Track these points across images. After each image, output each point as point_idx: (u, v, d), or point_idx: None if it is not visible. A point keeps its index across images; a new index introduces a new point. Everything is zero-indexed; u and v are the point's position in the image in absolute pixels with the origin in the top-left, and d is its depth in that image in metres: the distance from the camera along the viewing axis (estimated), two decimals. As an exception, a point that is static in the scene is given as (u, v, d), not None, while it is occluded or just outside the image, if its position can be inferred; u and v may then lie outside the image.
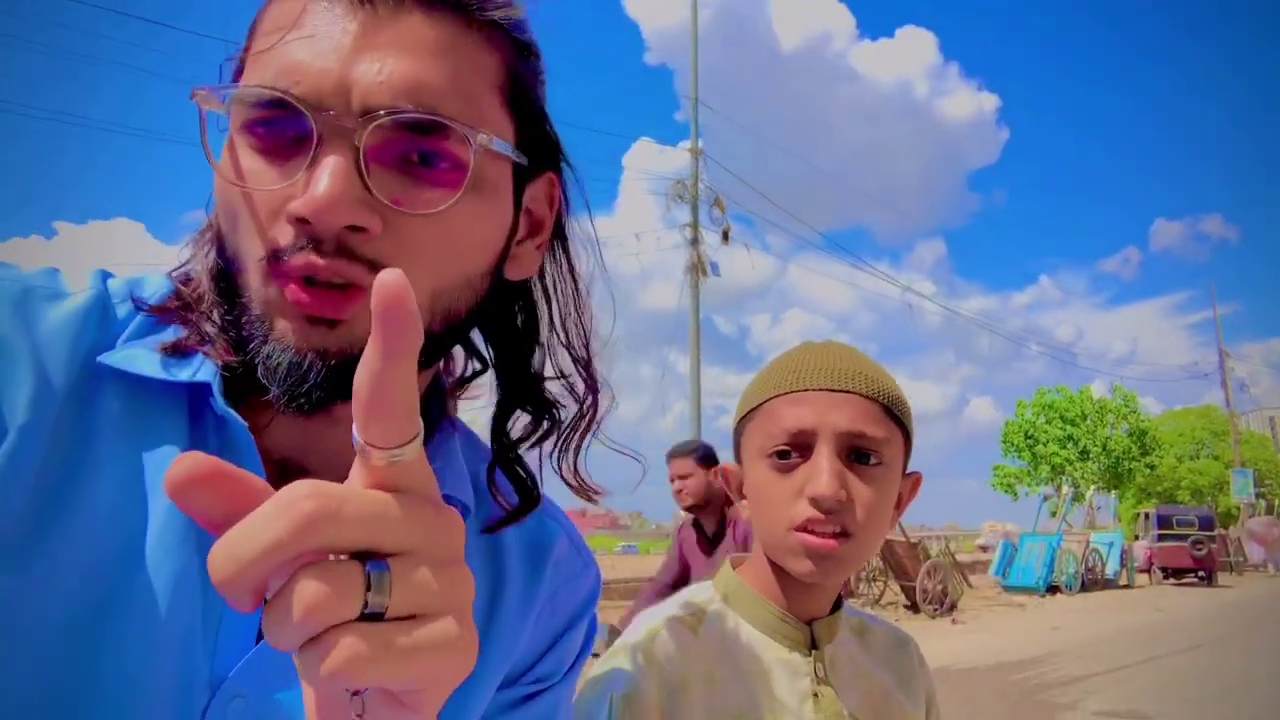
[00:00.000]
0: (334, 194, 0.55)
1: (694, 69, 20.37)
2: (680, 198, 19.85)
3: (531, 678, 0.79)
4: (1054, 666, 9.24)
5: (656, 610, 1.12)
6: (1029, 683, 8.33)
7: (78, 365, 0.60)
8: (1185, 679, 8.43)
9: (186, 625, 0.58)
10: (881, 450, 1.03)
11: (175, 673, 0.57)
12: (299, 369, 0.58)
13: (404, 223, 0.59)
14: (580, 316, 0.79)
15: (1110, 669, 9.03)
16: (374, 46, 0.58)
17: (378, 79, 0.58)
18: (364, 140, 0.57)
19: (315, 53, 0.58)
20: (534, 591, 0.79)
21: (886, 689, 1.11)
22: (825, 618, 1.10)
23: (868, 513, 1.01)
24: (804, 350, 1.12)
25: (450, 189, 0.61)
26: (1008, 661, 9.53)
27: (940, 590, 14.24)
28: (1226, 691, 7.77)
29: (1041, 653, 10.18)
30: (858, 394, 1.03)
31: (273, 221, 0.59)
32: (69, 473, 0.57)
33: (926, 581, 14.02)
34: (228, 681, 0.59)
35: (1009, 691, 7.86)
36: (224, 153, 0.62)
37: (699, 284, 19.57)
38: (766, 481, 1.05)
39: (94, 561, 0.56)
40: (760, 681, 1.05)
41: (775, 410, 1.05)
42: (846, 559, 1.01)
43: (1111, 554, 20.86)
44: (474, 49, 0.63)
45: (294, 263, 0.58)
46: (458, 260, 0.64)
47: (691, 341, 19.34)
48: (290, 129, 0.58)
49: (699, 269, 19.58)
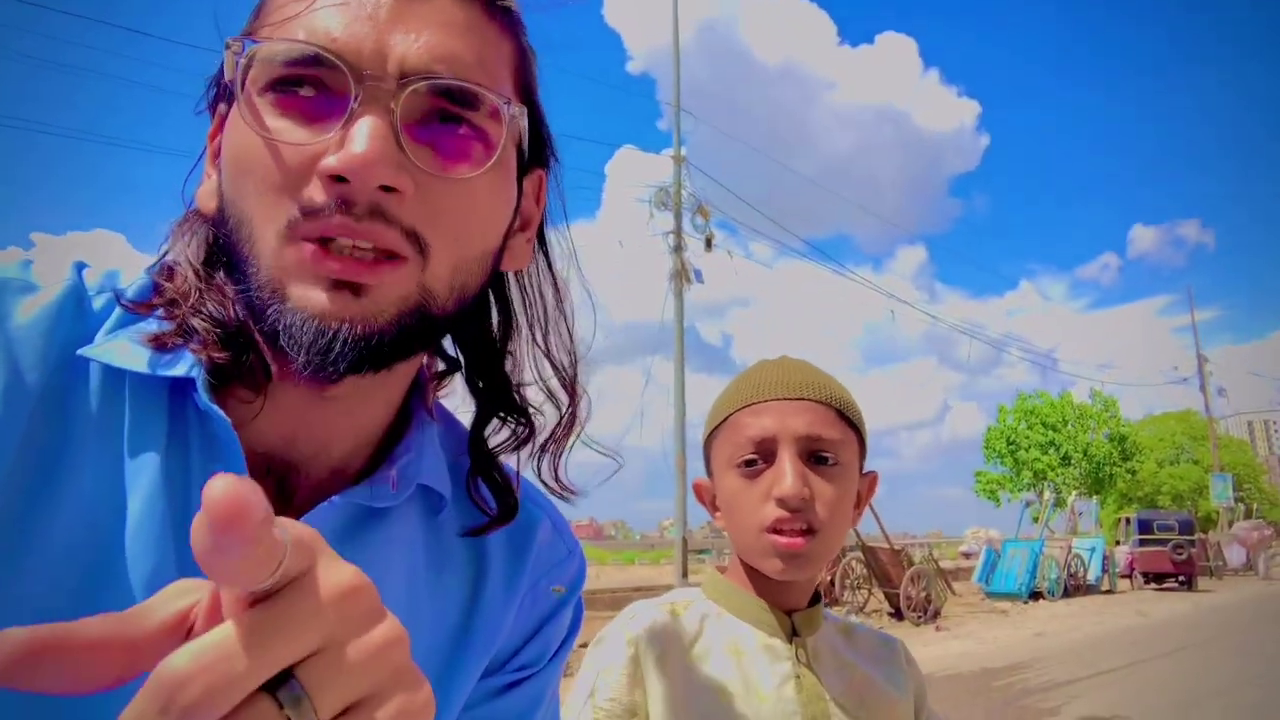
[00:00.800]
0: (373, 152, 0.56)
1: (676, 72, 20.42)
2: (663, 205, 19.87)
3: (515, 665, 0.79)
4: (1037, 672, 9.27)
5: (643, 602, 1.18)
6: (1013, 688, 8.35)
7: (52, 360, 0.59)
8: (1168, 683, 8.48)
9: None
10: (838, 451, 1.11)
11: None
12: (325, 337, 0.57)
13: (434, 187, 0.60)
14: (560, 320, 0.79)
15: (1093, 674, 9.07)
16: (407, 19, 0.60)
17: (415, 46, 0.59)
18: (400, 103, 0.58)
19: (348, 20, 0.59)
20: (517, 579, 0.79)
21: (870, 679, 1.16)
22: (804, 610, 1.16)
23: (829, 509, 1.09)
24: (761, 367, 1.21)
25: (479, 158, 0.62)
26: (991, 667, 9.57)
27: (924, 597, 14.29)
28: (1209, 694, 7.82)
29: (1025, 658, 10.22)
30: (812, 400, 1.12)
31: (300, 180, 0.58)
32: (45, 472, 0.56)
33: (910, 588, 14.06)
34: None
35: (993, 697, 7.88)
36: (237, 116, 0.61)
37: (683, 291, 19.59)
38: (736, 489, 1.13)
39: (71, 560, 0.56)
40: (741, 662, 1.11)
41: (739, 422, 1.14)
42: (813, 555, 1.09)
43: (1093, 559, 21.02)
44: (493, 34, 0.66)
45: (328, 223, 0.57)
46: (480, 232, 0.66)
47: (676, 349, 19.34)
48: (324, 88, 0.59)
49: (682, 276, 19.59)
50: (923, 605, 14.22)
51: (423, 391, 0.77)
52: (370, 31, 0.59)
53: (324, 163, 0.57)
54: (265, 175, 0.58)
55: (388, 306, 0.59)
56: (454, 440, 0.78)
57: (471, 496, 0.75)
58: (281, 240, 0.58)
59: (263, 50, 0.59)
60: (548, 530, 0.83)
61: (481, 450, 0.77)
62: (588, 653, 1.14)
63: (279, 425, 0.65)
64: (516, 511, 0.77)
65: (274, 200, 0.58)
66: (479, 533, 0.75)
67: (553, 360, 0.78)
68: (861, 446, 1.17)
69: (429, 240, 0.60)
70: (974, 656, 10.43)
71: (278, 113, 0.59)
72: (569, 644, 0.85)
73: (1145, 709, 7.26)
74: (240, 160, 0.60)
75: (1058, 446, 41.84)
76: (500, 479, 0.77)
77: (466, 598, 0.75)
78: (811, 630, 1.15)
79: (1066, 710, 7.31)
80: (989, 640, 12.17)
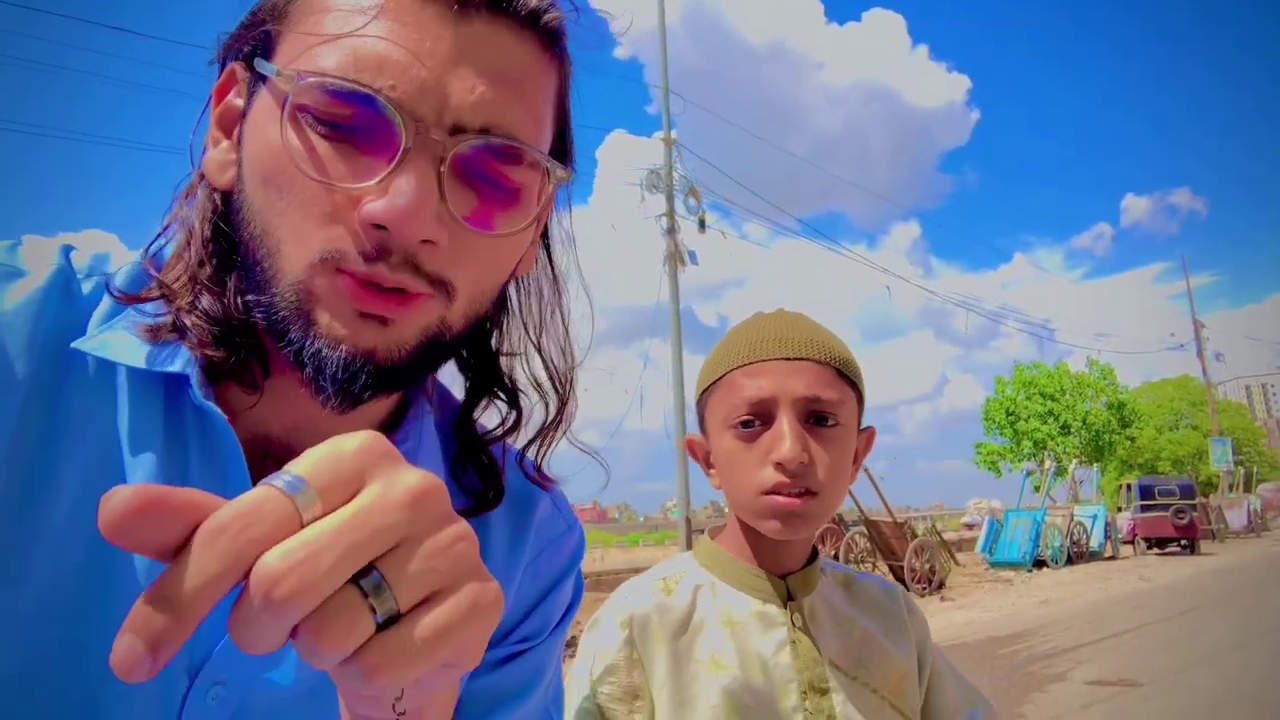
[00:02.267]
0: (420, 207, 0.55)
1: (663, 52, 20.30)
2: (655, 187, 19.79)
3: (516, 638, 0.79)
4: (1043, 639, 9.32)
5: (636, 578, 1.18)
6: (1018, 655, 8.41)
7: (39, 348, 0.58)
8: (1172, 645, 8.53)
9: None
10: (838, 412, 1.09)
11: None
12: (349, 369, 0.57)
13: (467, 239, 0.60)
14: (556, 317, 0.79)
15: (1098, 639, 9.13)
16: (467, 60, 0.58)
17: (470, 98, 0.58)
18: (449, 157, 0.57)
19: (407, 55, 0.57)
20: (517, 553, 0.80)
21: (869, 636, 1.15)
22: (799, 571, 1.15)
23: (829, 471, 1.07)
24: (757, 321, 1.17)
25: (516, 211, 0.63)
26: (997, 636, 9.62)
27: (928, 569, 14.35)
28: (1213, 655, 7.87)
29: (1030, 626, 10.28)
30: (812, 360, 1.09)
31: (336, 217, 0.57)
32: (39, 465, 0.56)
33: (914, 560, 14.12)
34: (205, 669, 0.59)
35: (999, 665, 7.94)
36: (268, 120, 0.58)
37: (677, 274, 19.55)
38: (733, 450, 1.10)
39: (68, 554, 0.56)
40: (736, 632, 1.10)
41: (735, 382, 1.11)
42: (812, 515, 1.07)
43: (1095, 526, 21.09)
44: (545, 73, 0.65)
45: (360, 271, 0.56)
46: (501, 273, 0.67)
47: (673, 331, 19.32)
48: (373, 128, 0.57)
49: (676, 259, 19.55)
50: (927, 577, 14.28)
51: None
52: (428, 74, 0.57)
53: (368, 209, 0.56)
54: (301, 203, 0.57)
55: (410, 338, 0.60)
56: (446, 419, 0.79)
57: (458, 480, 0.76)
58: (309, 270, 0.57)
59: (318, 81, 0.56)
60: (547, 506, 0.83)
61: (469, 434, 0.77)
62: (583, 637, 1.14)
63: (279, 413, 0.65)
64: (503, 497, 0.77)
65: (308, 229, 0.57)
66: (469, 515, 0.75)
67: (544, 355, 0.78)
68: (860, 404, 1.15)
69: (455, 285, 0.61)
70: (979, 625, 10.49)
71: (319, 137, 0.57)
72: (570, 617, 0.85)
73: (1151, 671, 7.31)
74: (272, 174, 0.58)
75: (1056, 416, 41.86)
76: (488, 462, 0.78)
77: None
78: (808, 590, 1.14)
79: (1073, 675, 7.36)
80: (994, 609, 12.23)
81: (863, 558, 14.69)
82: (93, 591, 0.56)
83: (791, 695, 1.06)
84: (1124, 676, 7.20)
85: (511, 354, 0.78)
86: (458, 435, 0.77)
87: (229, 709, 0.60)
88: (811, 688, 1.07)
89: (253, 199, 0.60)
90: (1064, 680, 7.22)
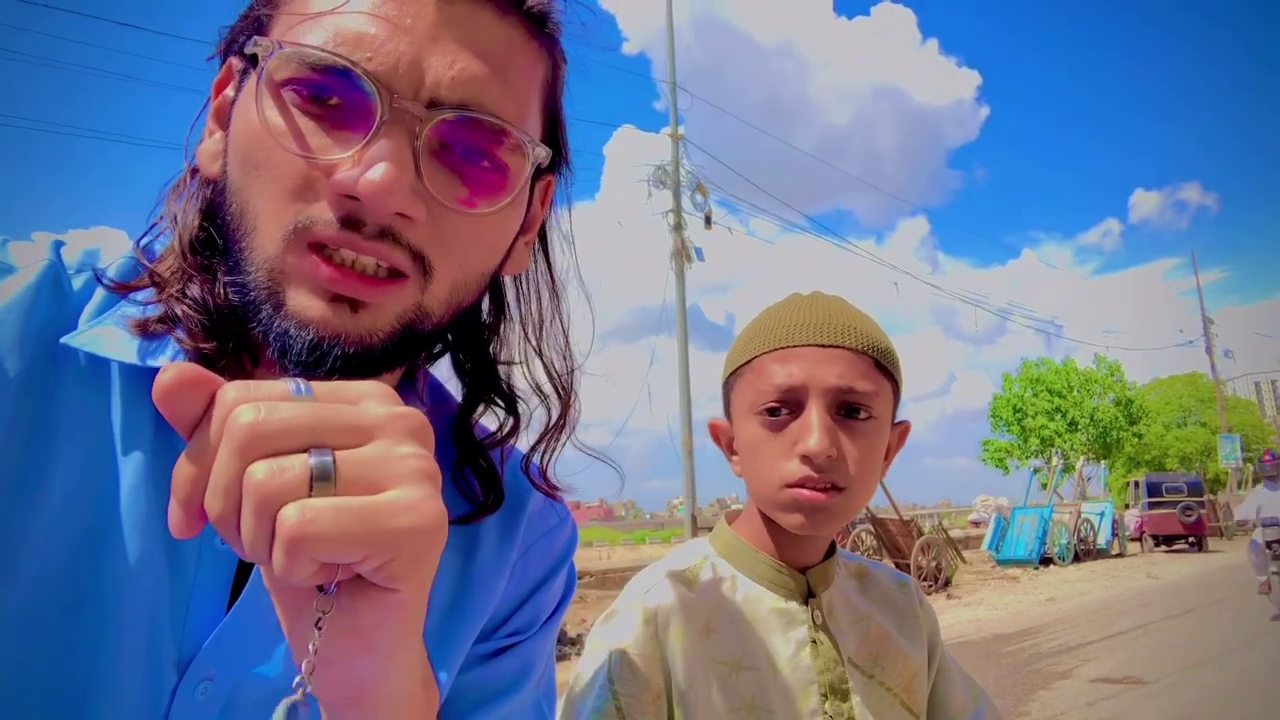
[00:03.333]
0: (392, 180, 0.55)
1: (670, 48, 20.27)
2: (661, 183, 19.78)
3: (507, 630, 0.79)
4: (1050, 636, 9.31)
5: (653, 568, 1.12)
6: (1025, 653, 8.40)
7: (30, 344, 0.58)
8: (1180, 643, 8.51)
9: (152, 610, 0.57)
10: (871, 404, 1.02)
11: (142, 658, 0.57)
12: (317, 352, 0.57)
13: (446, 216, 0.60)
14: (556, 322, 0.79)
15: (1105, 636, 9.11)
16: (447, 37, 0.59)
17: (449, 72, 0.58)
18: (426, 130, 0.57)
19: (387, 29, 0.57)
20: (509, 546, 0.79)
21: (885, 633, 1.11)
22: (819, 565, 1.10)
23: (858, 467, 1.01)
24: (791, 304, 1.10)
25: (496, 194, 0.62)
26: (1004, 633, 9.61)
27: (934, 566, 14.33)
28: (1220, 653, 7.85)
29: (1037, 624, 10.27)
30: (847, 349, 1.02)
31: (310, 189, 0.57)
32: (28, 463, 0.56)
33: (920, 558, 14.10)
34: (194, 664, 0.59)
35: (1005, 662, 7.92)
36: (250, 100, 0.59)
37: (684, 270, 19.54)
38: (758, 438, 1.04)
39: (57, 550, 0.55)
40: (757, 631, 1.05)
41: (764, 367, 1.04)
42: (838, 511, 1.02)
43: (1103, 524, 21.02)
44: (531, 57, 0.65)
45: (333, 237, 0.56)
46: (483, 258, 0.66)
47: (679, 329, 19.32)
48: (349, 101, 0.57)
49: (683, 255, 19.54)
50: (934, 574, 14.26)
51: (413, 376, 0.77)
52: (407, 49, 0.57)
53: (340, 178, 0.56)
54: (276, 176, 0.57)
55: (384, 324, 0.59)
56: (443, 424, 0.78)
57: (458, 486, 0.75)
58: (284, 243, 0.57)
59: (293, 51, 0.57)
60: (539, 499, 0.83)
61: (467, 439, 0.77)
62: (597, 628, 1.08)
63: None
64: (502, 502, 0.77)
65: (282, 202, 0.57)
66: (465, 521, 0.74)
67: (544, 360, 0.78)
68: (896, 395, 1.08)
69: (434, 263, 0.60)
70: (986, 623, 10.48)
71: (298, 111, 0.57)
72: (561, 610, 0.85)
73: (1157, 669, 7.29)
74: (251, 151, 0.58)
75: (1064, 413, 41.77)
76: (486, 466, 0.77)
77: (458, 566, 0.75)
78: (826, 585, 1.10)
79: (1079, 672, 7.35)
80: (1000, 607, 12.21)
81: (868, 555, 14.68)
82: (82, 587, 0.56)
83: (812, 698, 1.03)
84: (1130, 674, 7.18)
85: (510, 362, 0.78)
86: (456, 440, 0.77)
87: (218, 704, 0.60)
88: (832, 690, 1.04)
89: (234, 179, 0.60)
90: (1070, 678, 7.21)
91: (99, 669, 0.55)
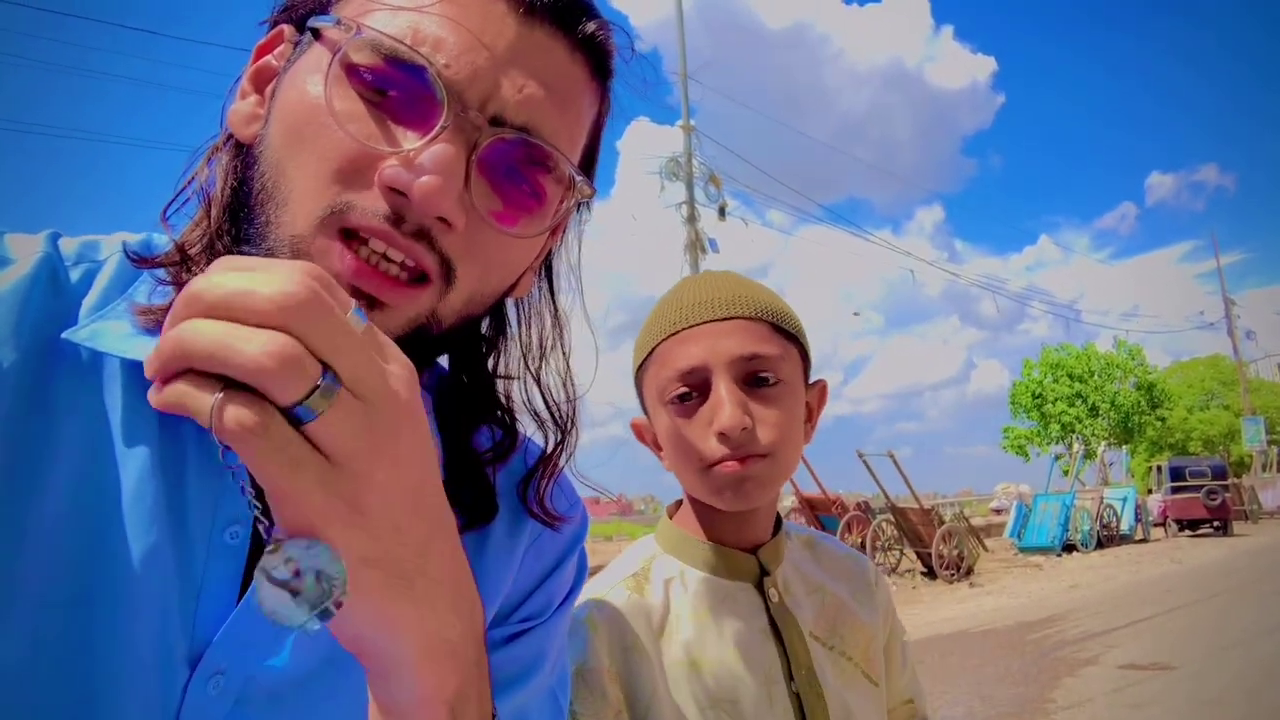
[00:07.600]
0: (445, 183, 0.56)
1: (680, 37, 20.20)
2: (674, 175, 19.74)
3: (519, 616, 0.79)
4: (1074, 623, 9.26)
5: (602, 576, 1.11)
6: (1049, 640, 8.36)
7: (25, 337, 0.57)
8: (1205, 628, 8.45)
9: (161, 604, 0.57)
10: (778, 368, 1.02)
11: (153, 653, 0.56)
12: None
13: (482, 229, 0.61)
14: (558, 350, 0.79)
15: (1130, 622, 9.05)
16: (522, 61, 0.60)
17: (517, 95, 0.60)
18: (482, 144, 0.59)
19: (467, 40, 0.58)
20: (519, 532, 0.79)
21: (841, 601, 1.11)
22: (769, 543, 1.10)
23: (777, 431, 1.00)
24: (682, 287, 1.10)
25: (534, 220, 0.64)
26: (1027, 621, 9.56)
27: (956, 555, 14.27)
28: (1246, 638, 7.78)
29: (1060, 611, 10.21)
30: (742, 318, 1.02)
31: (357, 175, 0.57)
32: (27, 458, 0.55)
33: (942, 547, 14.04)
34: (205, 658, 0.58)
35: (1029, 650, 7.89)
36: (310, 73, 0.59)
37: (698, 262, 19.50)
38: (674, 427, 1.03)
39: (63, 546, 0.55)
40: (714, 624, 1.04)
41: (666, 354, 1.04)
42: (765, 478, 1.01)
43: (1126, 509, 20.87)
44: (590, 97, 0.67)
45: (372, 230, 0.57)
46: (503, 276, 0.67)
47: (695, 321, 19.24)
48: (414, 99, 0.58)
49: (697, 247, 19.50)
50: (955, 563, 14.20)
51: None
52: (484, 64, 0.59)
53: (390, 171, 0.56)
54: (324, 155, 0.57)
55: (396, 326, 0.60)
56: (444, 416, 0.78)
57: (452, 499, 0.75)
58: (315, 225, 0.57)
59: (371, 35, 0.57)
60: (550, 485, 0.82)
61: (462, 455, 0.76)
62: None
63: None
64: (495, 514, 0.76)
65: (324, 181, 0.57)
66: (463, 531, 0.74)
67: (542, 387, 0.78)
68: (805, 360, 1.08)
69: (459, 273, 0.61)
70: (1009, 611, 10.42)
71: (359, 95, 0.58)
72: (573, 596, 0.85)
73: (1183, 655, 7.24)
74: (301, 125, 0.58)
75: (1084, 398, 41.40)
76: (481, 482, 0.76)
77: (470, 550, 0.75)
78: (778, 562, 1.09)
79: (1104, 659, 7.31)
80: (1024, 594, 12.15)
81: (890, 545, 14.64)
82: (89, 583, 0.55)
83: (776, 681, 1.02)
84: (1156, 660, 7.13)
85: (509, 377, 0.78)
86: (448, 454, 0.76)
87: (230, 698, 0.59)
88: (795, 669, 1.03)
89: (275, 148, 0.60)
90: (1096, 664, 7.17)
91: (109, 666, 0.55)
